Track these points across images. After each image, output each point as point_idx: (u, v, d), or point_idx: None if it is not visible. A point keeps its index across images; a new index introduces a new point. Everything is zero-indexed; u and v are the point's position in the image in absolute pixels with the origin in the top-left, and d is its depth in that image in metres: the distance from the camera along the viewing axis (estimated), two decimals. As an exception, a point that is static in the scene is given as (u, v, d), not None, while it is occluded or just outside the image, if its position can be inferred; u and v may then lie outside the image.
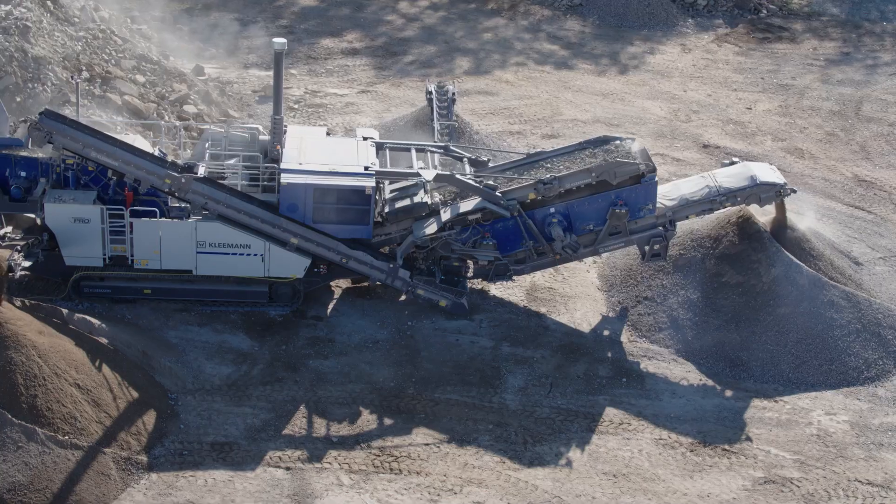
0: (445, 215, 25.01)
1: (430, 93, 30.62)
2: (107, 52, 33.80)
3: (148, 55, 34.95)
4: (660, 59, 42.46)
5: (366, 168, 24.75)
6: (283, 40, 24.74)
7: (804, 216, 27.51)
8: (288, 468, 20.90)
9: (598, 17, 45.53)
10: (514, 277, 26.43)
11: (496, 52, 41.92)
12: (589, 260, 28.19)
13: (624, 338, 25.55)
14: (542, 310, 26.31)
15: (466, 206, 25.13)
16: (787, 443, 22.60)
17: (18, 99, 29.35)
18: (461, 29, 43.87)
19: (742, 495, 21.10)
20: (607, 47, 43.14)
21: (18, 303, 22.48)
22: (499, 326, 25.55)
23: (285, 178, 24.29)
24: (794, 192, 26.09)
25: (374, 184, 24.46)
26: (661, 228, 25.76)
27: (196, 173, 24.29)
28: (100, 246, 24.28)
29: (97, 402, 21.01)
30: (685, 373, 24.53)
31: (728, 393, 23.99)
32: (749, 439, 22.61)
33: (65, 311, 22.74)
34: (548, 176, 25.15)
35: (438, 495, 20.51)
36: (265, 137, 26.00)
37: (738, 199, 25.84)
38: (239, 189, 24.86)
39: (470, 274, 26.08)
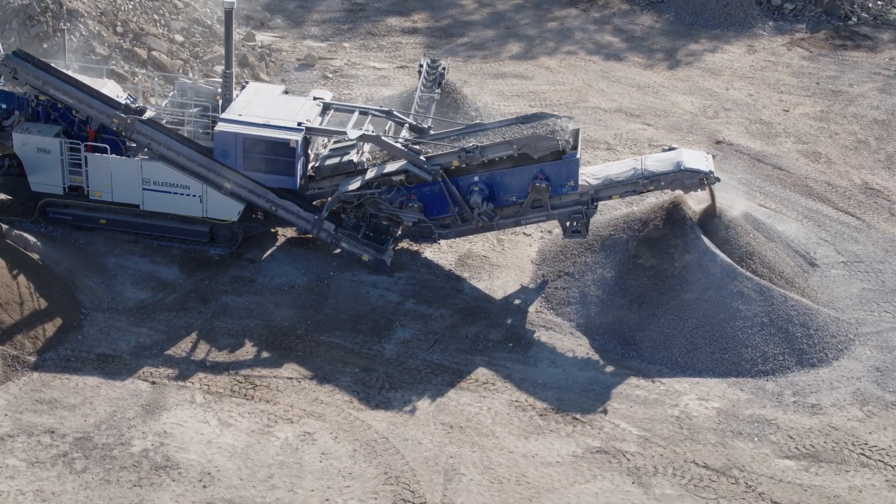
0: (370, 174, 26.40)
1: (422, 66, 31.96)
2: (159, 13, 36.79)
3: (202, 19, 37.74)
4: (718, 57, 42.06)
5: (298, 124, 26.42)
6: (232, 0, 26.70)
7: (738, 206, 27.36)
8: (154, 382, 22.85)
9: (673, 14, 45.36)
10: (443, 241, 27.61)
11: (552, 40, 42.60)
12: (536, 234, 28.96)
13: (532, 308, 26.22)
14: (465, 275, 27.26)
15: (391, 167, 26.43)
16: (641, 420, 22.84)
17: (45, 46, 32.52)
18: (529, 17, 44.73)
19: (567, 460, 21.59)
20: (669, 43, 43.07)
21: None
22: (414, 285, 26.69)
23: (219, 127, 26.28)
24: (718, 180, 26.06)
25: (299, 138, 26.08)
26: (582, 206, 26.29)
27: (143, 116, 26.57)
28: (59, 175, 26.95)
29: (3, 306, 23.53)
30: (576, 346, 25.01)
31: (609, 369, 24.35)
32: (605, 412, 22.98)
33: (5, 226, 25.43)
34: (470, 144, 26.15)
35: (275, 422, 21.99)
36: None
37: (662, 182, 26.05)
38: (188, 135, 27.01)
39: (399, 233, 27.32)
